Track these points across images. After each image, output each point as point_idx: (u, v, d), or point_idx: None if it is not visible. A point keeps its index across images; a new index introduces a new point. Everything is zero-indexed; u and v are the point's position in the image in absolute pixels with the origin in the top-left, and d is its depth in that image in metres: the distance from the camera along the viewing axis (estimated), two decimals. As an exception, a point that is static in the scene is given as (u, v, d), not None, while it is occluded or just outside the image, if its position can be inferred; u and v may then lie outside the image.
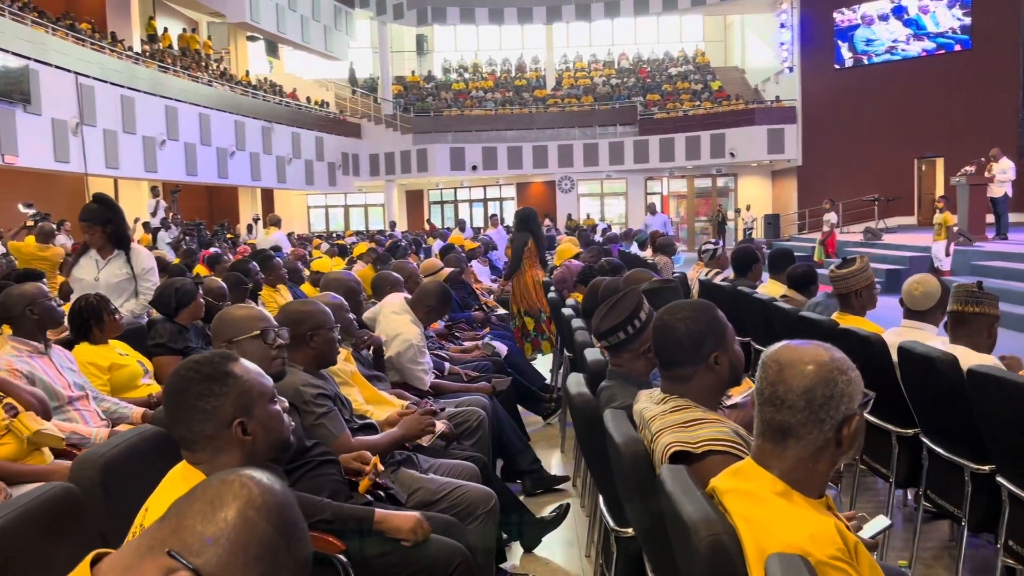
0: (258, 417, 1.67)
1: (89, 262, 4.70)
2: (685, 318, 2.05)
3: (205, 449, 1.63)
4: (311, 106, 28.91)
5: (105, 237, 4.63)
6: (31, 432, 3.08)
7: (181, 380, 1.68)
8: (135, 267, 4.66)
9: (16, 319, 3.57)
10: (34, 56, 16.19)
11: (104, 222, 4.62)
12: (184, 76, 22.38)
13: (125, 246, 4.71)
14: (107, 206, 4.71)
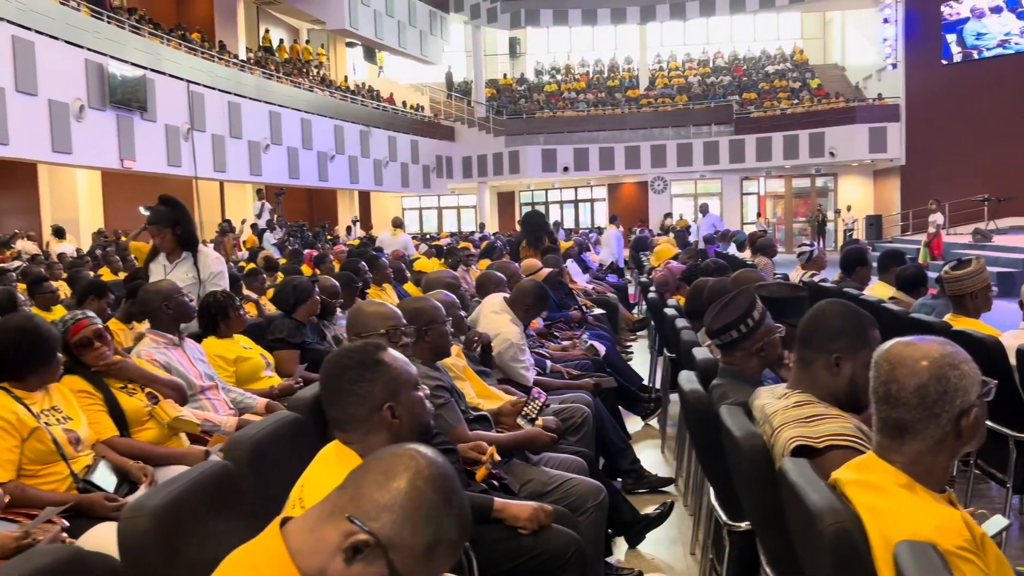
0: (404, 402, 1.79)
1: (158, 267, 4.60)
2: (840, 311, 2.09)
3: (357, 430, 1.76)
4: (407, 110, 29.50)
5: (175, 240, 4.51)
6: (171, 418, 3.31)
7: (337, 366, 1.82)
8: (202, 271, 4.52)
9: (153, 313, 3.83)
10: (150, 66, 17.06)
11: (173, 224, 4.50)
12: (287, 82, 23.17)
13: (193, 248, 4.58)
14: (175, 207, 4.58)
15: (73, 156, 15.05)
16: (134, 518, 1.60)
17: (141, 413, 3.29)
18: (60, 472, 2.80)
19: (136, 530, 1.59)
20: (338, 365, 1.83)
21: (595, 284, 9.63)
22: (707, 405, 2.46)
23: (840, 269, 5.73)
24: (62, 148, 14.62)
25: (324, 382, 1.84)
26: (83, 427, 2.96)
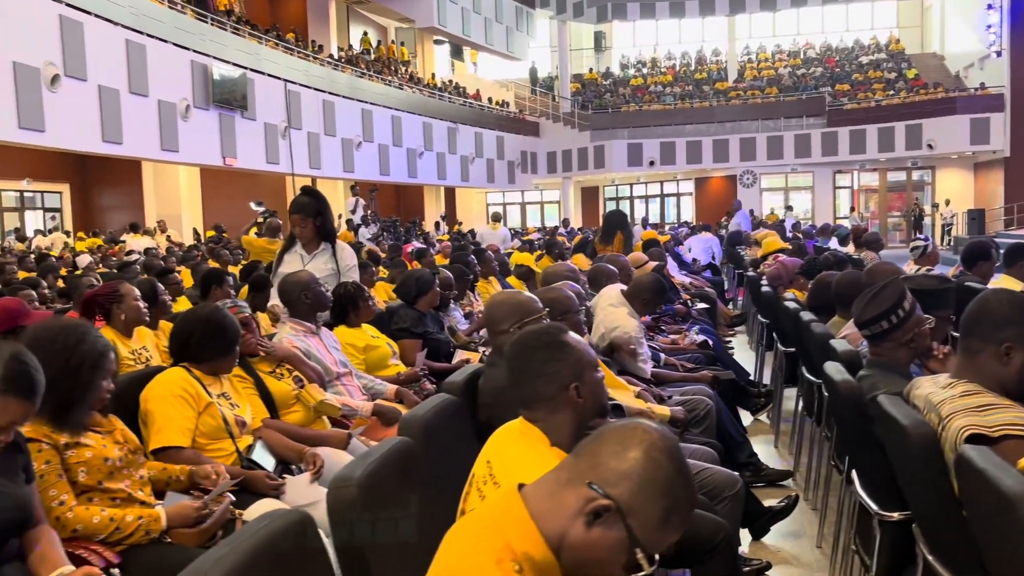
0: (588, 382, 1.87)
1: (294, 257, 4.61)
2: (1007, 299, 2.09)
3: (543, 408, 1.84)
4: (493, 106, 29.72)
5: (315, 230, 4.56)
6: (317, 402, 3.48)
7: (525, 348, 1.91)
8: (340, 263, 4.57)
9: (292, 303, 4.01)
10: (250, 66, 17.64)
11: (315, 214, 4.54)
12: (378, 80, 23.62)
13: (332, 240, 4.63)
14: (317, 199, 4.63)
15: (180, 154, 15.69)
16: (342, 488, 1.72)
17: (288, 396, 3.46)
18: (227, 448, 2.98)
19: (345, 499, 1.70)
20: (526, 347, 1.91)
21: (692, 279, 9.57)
22: (858, 395, 2.47)
23: (961, 263, 5.59)
24: (170, 146, 15.26)
25: (512, 363, 1.92)
26: (248, 414, 3.14)
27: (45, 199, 24.49)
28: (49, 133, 12.37)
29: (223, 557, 1.29)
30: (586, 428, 1.87)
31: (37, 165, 21.99)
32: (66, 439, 2.42)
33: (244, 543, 1.36)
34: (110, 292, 3.75)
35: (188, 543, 2.48)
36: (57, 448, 2.39)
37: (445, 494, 2.23)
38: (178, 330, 3.11)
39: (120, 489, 2.48)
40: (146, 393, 2.93)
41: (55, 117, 12.39)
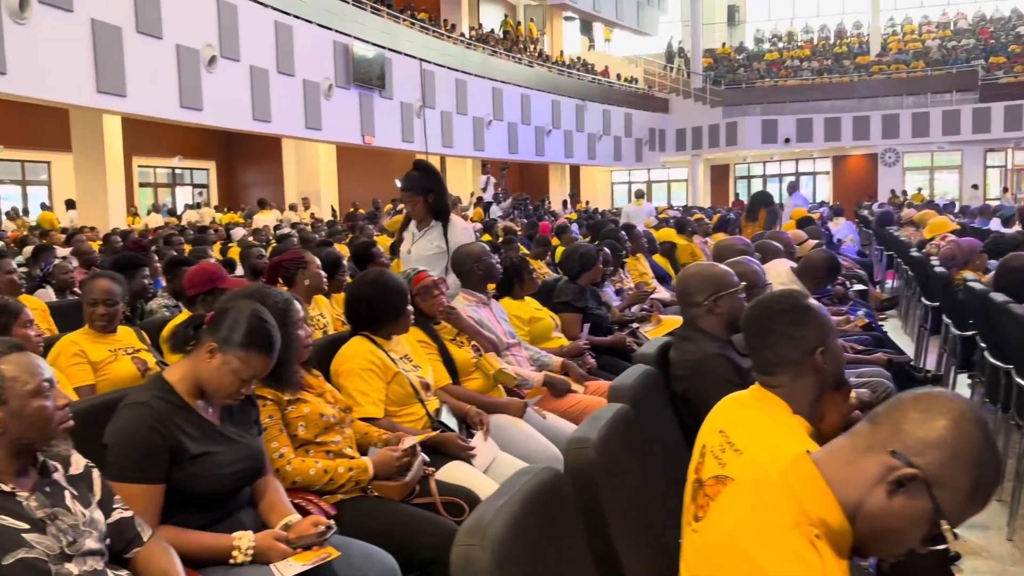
0: (831, 348, 1.82)
1: (407, 235, 4.45)
2: None
3: (786, 373, 1.80)
4: (621, 83, 29.38)
5: (426, 207, 4.31)
6: (495, 370, 3.54)
7: (768, 311, 1.87)
8: (450, 241, 4.28)
9: (465, 274, 4.09)
10: (388, 45, 18.04)
11: (426, 191, 4.29)
12: (508, 59, 23.72)
13: (444, 218, 4.34)
14: (429, 174, 4.38)
15: (322, 132, 16.23)
16: (581, 449, 1.74)
17: (468, 364, 3.54)
18: (417, 412, 3.07)
19: (584, 459, 1.73)
20: (769, 310, 1.87)
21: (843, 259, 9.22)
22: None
23: None
24: (313, 125, 15.80)
25: (753, 327, 1.88)
26: (429, 374, 3.23)
27: (194, 175, 25.88)
28: (206, 112, 13.03)
29: (502, 506, 1.33)
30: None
31: (187, 143, 23.25)
32: (288, 396, 2.55)
33: (515, 494, 1.39)
34: (297, 258, 3.91)
35: (392, 496, 2.57)
36: (279, 404, 2.52)
37: (661, 458, 2.24)
38: (351, 298, 3.20)
39: (334, 443, 2.60)
40: (337, 366, 3.03)
41: (211, 96, 13.03)
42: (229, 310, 2.18)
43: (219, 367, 2.12)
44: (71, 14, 10.50)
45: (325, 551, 2.12)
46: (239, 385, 2.15)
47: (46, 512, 1.70)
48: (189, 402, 2.14)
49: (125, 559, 1.86)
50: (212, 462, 2.10)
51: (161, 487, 2.03)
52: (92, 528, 1.77)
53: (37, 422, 1.69)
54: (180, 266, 5.20)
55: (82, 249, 7.31)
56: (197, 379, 2.15)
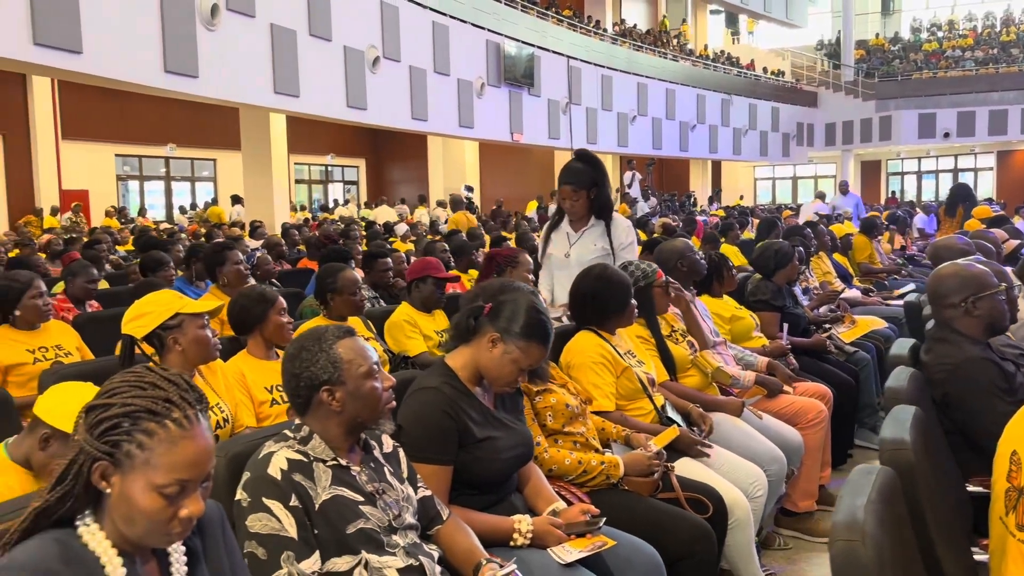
0: None
1: (560, 236, 3.94)
2: None
3: None
4: (768, 76, 28.57)
5: (588, 204, 3.81)
6: (713, 368, 3.53)
7: None
8: (614, 240, 3.80)
9: (669, 271, 4.08)
10: (537, 43, 18.20)
11: (591, 185, 3.78)
12: (653, 54, 23.49)
13: (606, 215, 3.83)
14: (594, 165, 3.84)
15: (474, 130, 16.55)
16: (898, 451, 1.71)
17: (685, 361, 3.54)
18: (645, 407, 3.10)
19: (903, 460, 1.70)
20: None
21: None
22: None
23: None
24: (466, 123, 16.14)
25: None
26: (653, 370, 3.25)
27: (344, 172, 26.90)
28: (370, 111, 13.53)
29: (867, 504, 1.33)
30: None
31: (338, 142, 24.20)
32: (536, 387, 2.63)
33: (872, 492, 1.39)
34: (512, 255, 4.03)
35: (641, 492, 2.61)
36: (528, 394, 2.61)
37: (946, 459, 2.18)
38: (576, 292, 3.24)
39: (580, 433, 2.66)
40: (567, 359, 3.09)
41: (374, 96, 13.53)
42: (507, 302, 2.27)
43: (500, 356, 2.21)
44: (253, 19, 11.12)
45: (600, 539, 2.18)
46: (517, 374, 2.23)
47: (374, 487, 1.83)
48: (470, 388, 2.25)
49: (427, 535, 1.97)
50: (493, 446, 2.19)
51: (450, 468, 2.14)
52: (408, 504, 1.89)
53: (370, 402, 1.82)
54: (376, 258, 5.45)
55: (272, 242, 7.73)
56: (478, 367, 2.25)
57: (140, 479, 1.22)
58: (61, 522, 1.26)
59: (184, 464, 1.24)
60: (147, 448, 1.22)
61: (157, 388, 1.26)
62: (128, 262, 7.79)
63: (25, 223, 15.06)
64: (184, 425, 1.25)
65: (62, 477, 1.24)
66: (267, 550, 1.65)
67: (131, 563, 1.27)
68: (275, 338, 3.18)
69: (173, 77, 9.87)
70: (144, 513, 1.23)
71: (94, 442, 1.22)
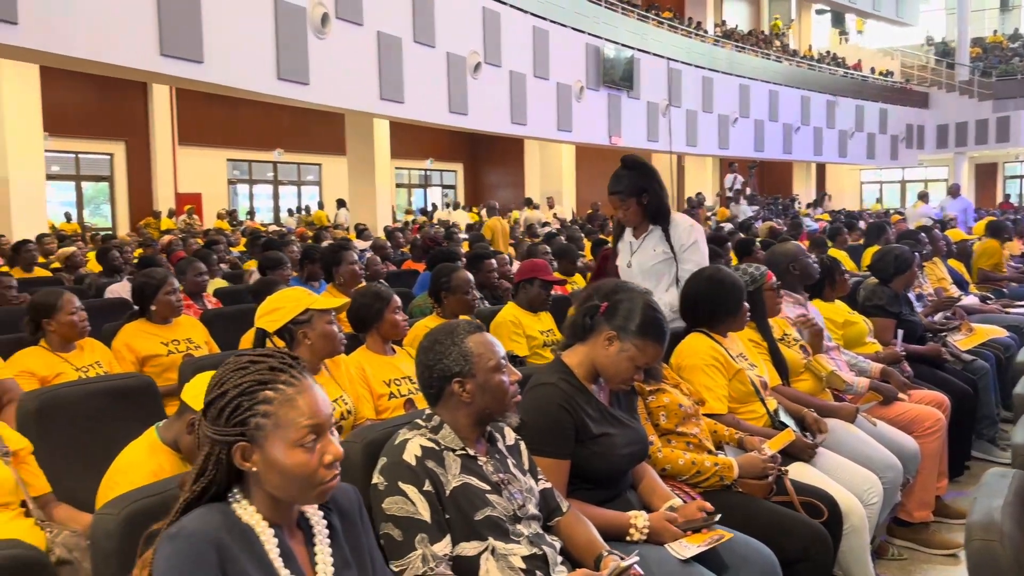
0: None
1: (624, 246, 3.76)
2: None
3: None
4: (876, 77, 27.64)
5: (640, 211, 3.59)
6: (828, 372, 3.48)
7: None
8: (674, 243, 3.58)
9: (781, 274, 4.03)
10: (637, 46, 18.13)
11: (639, 192, 3.57)
12: (756, 54, 23.07)
13: (663, 220, 3.62)
14: (640, 172, 3.65)
15: (572, 134, 16.61)
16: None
17: (798, 365, 3.50)
18: (758, 411, 3.08)
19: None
20: None
21: None
22: None
23: None
24: (565, 127, 16.21)
25: None
26: (765, 374, 3.23)
27: (443, 177, 27.35)
28: (471, 116, 13.75)
29: (1004, 506, 1.32)
30: None
31: (437, 146, 24.64)
32: (649, 387, 2.66)
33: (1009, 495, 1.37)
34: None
35: (755, 494, 2.61)
36: (641, 394, 2.64)
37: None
38: (687, 294, 3.24)
39: (693, 435, 2.67)
40: (679, 361, 3.09)
41: (475, 101, 13.73)
42: (623, 301, 2.31)
43: (617, 354, 2.25)
44: (361, 27, 11.46)
45: (717, 533, 2.19)
46: (634, 372, 2.27)
47: (500, 477, 1.90)
48: (586, 385, 2.30)
49: (547, 527, 2.02)
50: (609, 443, 2.23)
51: (568, 462, 2.19)
52: (531, 495, 1.95)
53: (498, 394, 1.89)
54: (482, 259, 5.55)
55: (378, 244, 7.96)
56: (594, 364, 2.30)
57: (277, 443, 1.33)
58: (214, 499, 1.37)
59: (308, 413, 1.35)
60: (271, 415, 1.33)
61: (257, 363, 1.37)
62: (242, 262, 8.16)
63: (144, 224, 15.90)
64: (293, 383, 1.36)
65: (202, 470, 1.35)
66: (402, 531, 1.74)
67: (280, 532, 1.38)
68: (391, 334, 3.29)
69: (285, 84, 10.27)
70: (293, 470, 1.33)
71: (223, 429, 1.33)
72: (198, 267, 5.00)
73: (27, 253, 7.45)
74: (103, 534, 1.47)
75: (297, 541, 1.43)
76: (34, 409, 2.46)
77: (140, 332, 3.80)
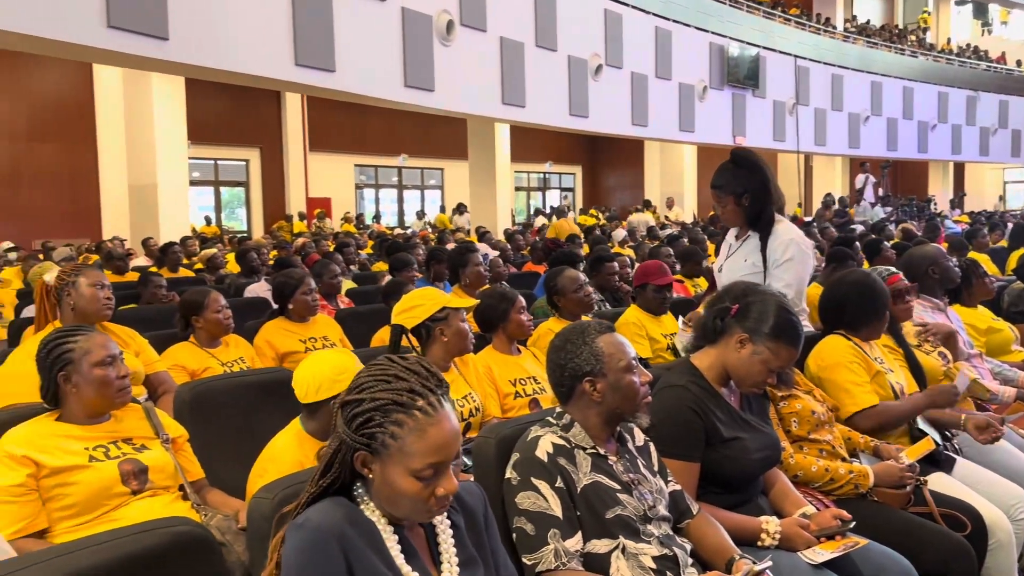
0: None
1: (724, 247, 3.48)
2: None
3: None
4: (1022, 70, 25.99)
5: (738, 213, 3.26)
6: (971, 379, 3.32)
7: None
8: (768, 257, 3.23)
9: (919, 277, 3.88)
10: (762, 43, 17.70)
11: (739, 192, 3.24)
12: (889, 50, 22.11)
13: (763, 227, 3.25)
14: (746, 169, 3.28)
15: (695, 134, 16.38)
16: None
17: (937, 372, 3.35)
18: (894, 416, 2.98)
19: None
20: None
21: None
22: None
23: None
24: (687, 127, 16.01)
25: None
26: (903, 379, 3.11)
27: (561, 179, 27.43)
28: (591, 118, 13.77)
29: None
30: None
31: (556, 149, 24.72)
32: (781, 392, 2.61)
33: None
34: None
35: (892, 503, 2.52)
36: (773, 399, 2.59)
37: None
38: (831, 297, 3.15)
39: (826, 441, 2.61)
40: (818, 363, 3.00)
41: (596, 104, 13.74)
42: (754, 303, 2.28)
43: (749, 357, 2.22)
44: (484, 34, 11.67)
45: (851, 540, 2.14)
46: (766, 375, 2.24)
47: (630, 477, 1.91)
48: (716, 388, 2.28)
49: (677, 528, 2.02)
50: (741, 447, 2.21)
51: (697, 465, 2.18)
52: (661, 496, 1.95)
53: (628, 395, 1.91)
54: (602, 262, 5.56)
55: (500, 247, 8.08)
56: (725, 367, 2.28)
57: (397, 466, 1.35)
58: (338, 492, 1.42)
59: (434, 449, 1.35)
60: (399, 438, 1.35)
61: (400, 380, 1.38)
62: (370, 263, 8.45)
63: (277, 228, 16.64)
64: (429, 412, 1.35)
65: (329, 465, 1.40)
66: (535, 526, 1.78)
67: (400, 530, 1.43)
68: (517, 334, 3.36)
69: (412, 91, 10.56)
70: (404, 495, 1.36)
71: (352, 434, 1.37)
72: (333, 269, 5.22)
73: (173, 255, 7.92)
74: (259, 516, 1.57)
75: (419, 538, 1.47)
76: (189, 400, 2.64)
77: (280, 330, 4.00)
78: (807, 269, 3.29)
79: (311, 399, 2.24)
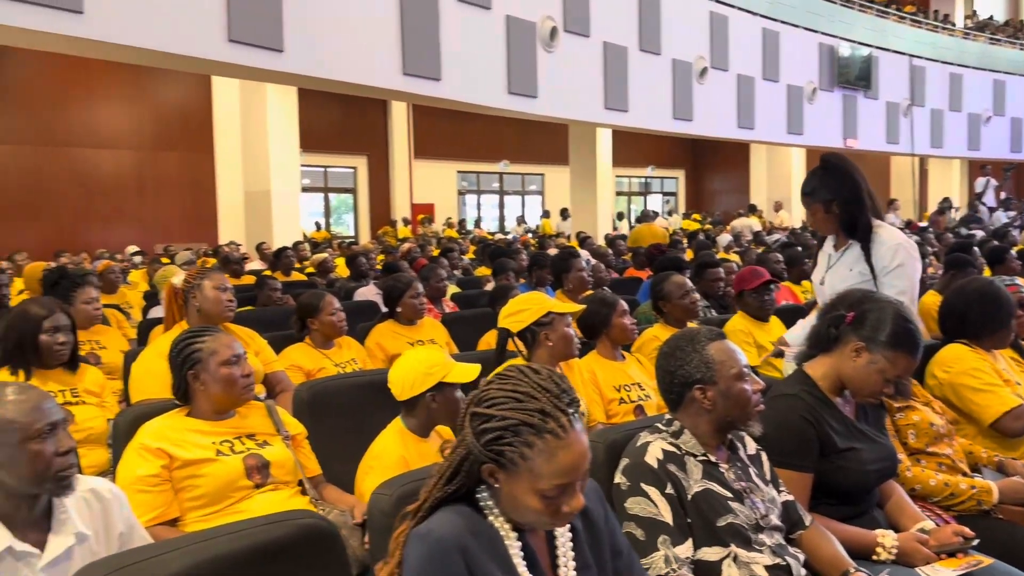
0: None
1: (823, 258, 3.24)
2: None
3: None
4: None
5: (830, 221, 3.06)
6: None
7: None
8: (875, 264, 3.00)
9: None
10: (875, 43, 17.11)
11: (827, 199, 3.02)
12: (1014, 46, 21.01)
13: (861, 235, 3.03)
14: (835, 175, 3.05)
15: (803, 137, 15.96)
16: None
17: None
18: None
19: None
20: None
21: None
22: None
23: None
24: (795, 130, 15.61)
25: None
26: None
27: (664, 184, 27.13)
28: (696, 122, 13.59)
29: None
30: None
31: (658, 153, 24.46)
32: (897, 403, 2.53)
33: None
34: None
35: (1019, 521, 2.41)
36: (888, 410, 2.51)
37: None
38: (952, 305, 3.04)
39: (946, 455, 2.52)
40: (940, 372, 2.89)
41: (700, 107, 13.56)
42: (871, 310, 2.22)
43: (865, 366, 2.17)
44: (587, 39, 11.68)
45: (974, 558, 2.06)
46: (883, 384, 2.17)
47: (742, 485, 1.89)
48: (830, 398, 2.23)
49: (790, 539, 1.99)
50: (856, 458, 2.15)
51: (811, 476, 2.14)
52: (773, 505, 1.93)
53: (740, 402, 1.89)
54: (707, 268, 5.48)
55: (600, 252, 8.07)
56: (839, 376, 2.22)
57: (524, 483, 1.36)
58: (460, 497, 1.44)
59: (563, 471, 1.35)
60: (528, 458, 1.35)
61: (532, 399, 1.37)
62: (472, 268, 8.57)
63: (383, 233, 17.05)
64: (560, 435, 1.34)
65: (455, 472, 1.42)
66: (644, 532, 1.79)
67: (523, 536, 1.45)
68: (621, 338, 3.36)
69: (515, 98, 10.67)
70: (527, 508, 1.38)
71: (481, 448, 1.38)
72: (440, 273, 5.33)
73: (286, 259, 8.22)
74: (379, 512, 1.63)
75: (540, 542, 1.49)
76: (307, 399, 2.75)
77: (389, 332, 4.11)
78: (917, 274, 3.09)
79: (407, 395, 2.32)
